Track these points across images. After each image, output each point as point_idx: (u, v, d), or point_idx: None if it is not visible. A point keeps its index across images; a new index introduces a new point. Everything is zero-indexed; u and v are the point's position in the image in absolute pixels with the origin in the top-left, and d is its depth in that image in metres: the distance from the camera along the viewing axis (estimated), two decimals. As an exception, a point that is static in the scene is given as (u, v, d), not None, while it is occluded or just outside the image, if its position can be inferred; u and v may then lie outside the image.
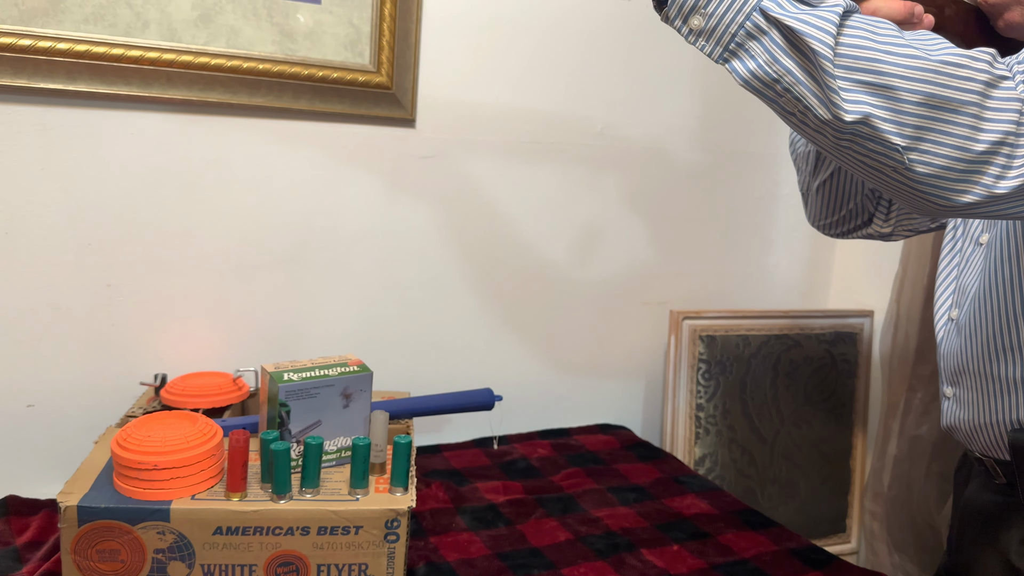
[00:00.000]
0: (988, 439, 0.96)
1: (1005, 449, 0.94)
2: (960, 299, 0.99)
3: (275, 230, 1.35)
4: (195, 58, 1.22)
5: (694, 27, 0.72)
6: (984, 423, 0.95)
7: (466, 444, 1.52)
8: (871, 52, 0.67)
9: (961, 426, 0.99)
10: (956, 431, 1.01)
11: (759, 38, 0.70)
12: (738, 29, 0.70)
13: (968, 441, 0.99)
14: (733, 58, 0.72)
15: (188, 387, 1.16)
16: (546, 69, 1.52)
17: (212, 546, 0.88)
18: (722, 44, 0.71)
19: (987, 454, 0.97)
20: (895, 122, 0.67)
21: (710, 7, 0.71)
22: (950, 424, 1.01)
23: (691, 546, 1.18)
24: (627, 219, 1.66)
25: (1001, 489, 0.98)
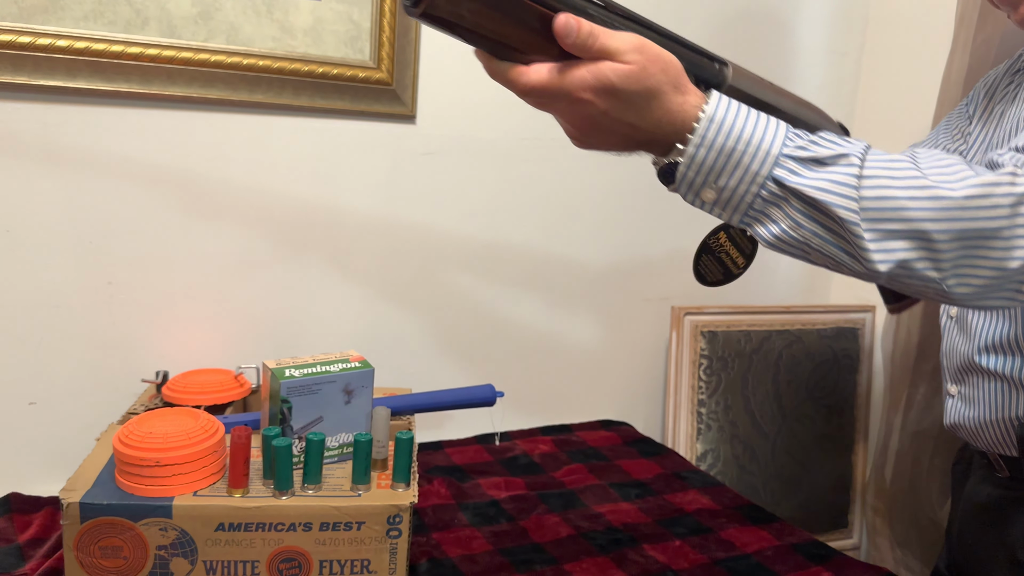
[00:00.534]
0: (995, 435, 0.95)
1: (1012, 445, 0.94)
2: None
3: (276, 227, 1.35)
4: (195, 55, 1.22)
5: (707, 200, 0.69)
6: (991, 420, 0.95)
7: (468, 440, 1.52)
8: (895, 201, 0.65)
9: (967, 424, 0.98)
10: (960, 428, 1.01)
11: (779, 204, 0.67)
12: (754, 199, 0.67)
13: (973, 438, 0.99)
14: (755, 223, 0.69)
15: (190, 384, 1.16)
16: (547, 65, 1.51)
17: (214, 542, 0.88)
18: (740, 212, 0.69)
19: (992, 450, 0.97)
20: (930, 259, 0.66)
21: (721, 180, 0.67)
22: (954, 422, 1.01)
23: (693, 541, 1.18)
24: (629, 215, 1.66)
25: (1004, 483, 0.99)
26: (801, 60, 1.77)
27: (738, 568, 1.11)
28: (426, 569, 1.06)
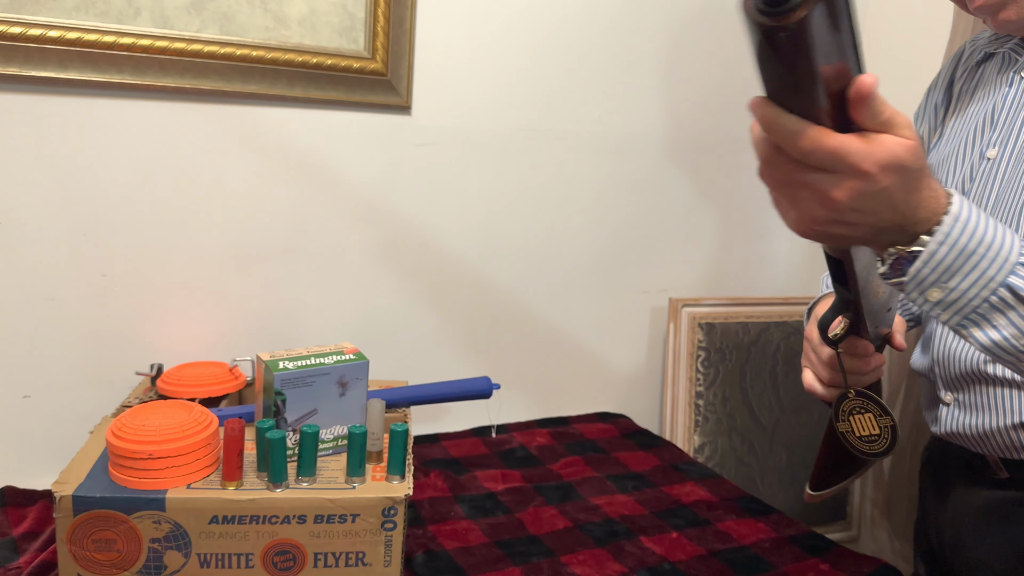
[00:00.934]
0: (1005, 441, 0.93)
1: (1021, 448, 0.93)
2: None
3: (271, 219, 1.34)
4: (188, 45, 1.21)
5: (932, 299, 0.65)
6: (1001, 426, 0.92)
7: (465, 433, 1.52)
8: None
9: (969, 431, 0.96)
10: (959, 437, 0.98)
11: (1005, 312, 0.64)
12: (981, 303, 0.64)
13: (976, 444, 0.97)
14: (973, 327, 0.66)
15: (184, 376, 1.15)
16: (543, 56, 1.50)
17: (208, 535, 0.88)
18: (961, 314, 0.65)
19: (998, 455, 0.95)
20: None
21: (953, 281, 0.63)
22: (952, 431, 0.98)
23: (690, 533, 1.18)
24: (625, 207, 1.65)
25: (1004, 483, 0.97)
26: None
27: (735, 560, 1.11)
28: (422, 561, 1.06)
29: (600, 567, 1.08)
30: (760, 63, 0.53)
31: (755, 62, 0.53)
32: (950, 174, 1.00)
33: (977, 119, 0.98)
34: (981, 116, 0.98)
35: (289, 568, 0.90)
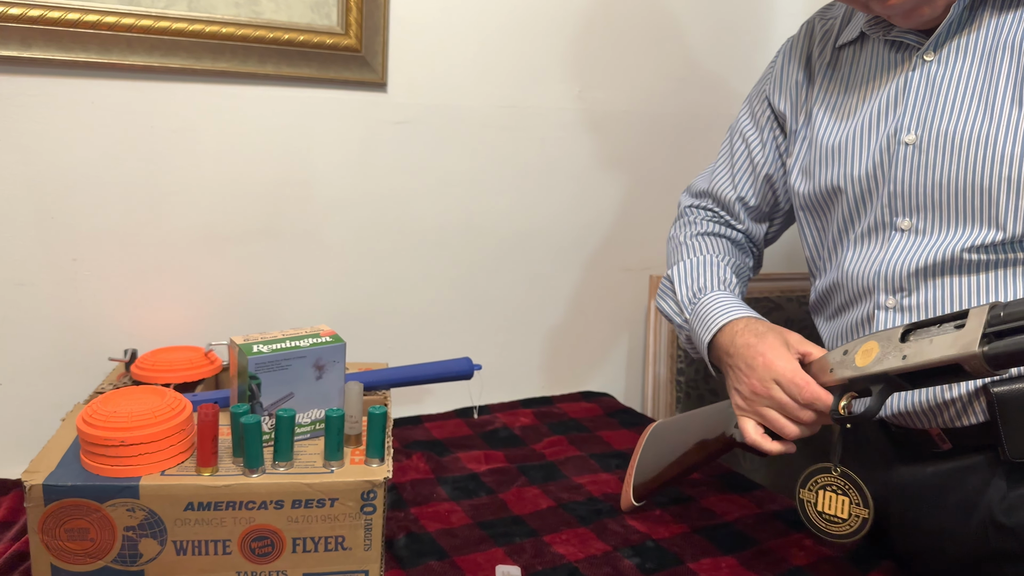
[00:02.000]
0: (956, 410, 0.93)
1: (972, 414, 0.92)
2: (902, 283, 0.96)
3: (245, 200, 1.32)
4: (155, 22, 1.18)
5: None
6: (954, 396, 0.92)
7: (448, 415, 1.51)
8: None
9: (920, 408, 0.95)
10: (909, 416, 0.97)
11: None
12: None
13: (926, 420, 0.96)
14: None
15: (159, 362, 1.13)
16: (521, 31, 1.48)
17: (184, 522, 0.86)
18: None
19: (948, 425, 0.95)
20: None
21: None
22: (901, 411, 0.97)
23: (673, 510, 1.17)
24: (607, 184, 1.64)
25: (946, 455, 0.97)
26: (781, 24, 1.74)
27: (718, 536, 1.11)
28: (404, 544, 1.05)
29: (583, 546, 1.07)
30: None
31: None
32: (855, 158, 0.98)
33: (876, 101, 0.97)
34: (881, 98, 0.97)
35: (267, 554, 0.89)
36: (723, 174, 1.19)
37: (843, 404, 0.86)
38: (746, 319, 0.99)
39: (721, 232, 1.19)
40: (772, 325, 0.97)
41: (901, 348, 0.81)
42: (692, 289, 1.09)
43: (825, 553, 1.07)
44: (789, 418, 0.90)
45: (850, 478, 0.88)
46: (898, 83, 0.96)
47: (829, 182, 1.02)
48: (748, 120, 1.18)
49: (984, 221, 0.88)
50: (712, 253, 1.14)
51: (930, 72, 0.92)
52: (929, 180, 0.91)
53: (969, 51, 0.90)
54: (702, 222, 1.20)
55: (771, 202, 1.18)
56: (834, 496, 0.88)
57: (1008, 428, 0.89)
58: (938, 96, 0.91)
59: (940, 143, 0.90)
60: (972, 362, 0.73)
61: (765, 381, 0.91)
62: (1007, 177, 0.86)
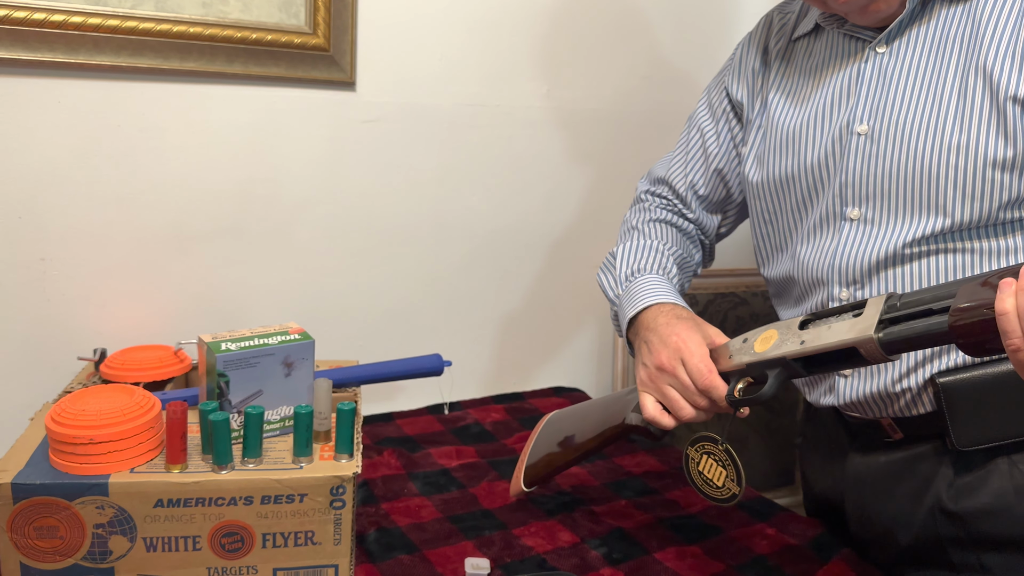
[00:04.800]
0: (905, 400, 0.95)
1: (920, 404, 0.95)
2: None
3: (214, 199, 1.32)
4: (122, 22, 1.18)
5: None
6: (903, 387, 0.95)
7: (419, 411, 1.52)
8: None
9: (868, 398, 0.97)
10: (858, 405, 0.99)
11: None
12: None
13: (875, 409, 0.98)
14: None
15: (128, 361, 1.13)
16: (489, 30, 1.49)
17: (154, 519, 0.87)
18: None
19: (897, 415, 0.97)
20: None
21: None
22: (851, 400, 0.99)
23: (640, 502, 1.20)
24: (575, 181, 1.66)
25: (897, 445, 1.00)
26: (747, 23, 1.77)
27: (683, 526, 1.13)
28: (374, 538, 1.06)
29: (551, 537, 1.09)
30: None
31: None
32: (808, 146, 1.00)
33: (829, 90, 0.99)
34: (834, 88, 0.99)
35: (237, 549, 0.90)
36: (678, 163, 1.21)
37: (739, 387, 0.89)
38: (673, 304, 1.01)
39: (673, 221, 1.20)
40: (696, 316, 0.99)
41: (799, 335, 0.83)
42: (632, 268, 1.11)
43: (787, 542, 1.10)
44: (686, 400, 0.93)
45: (731, 456, 0.92)
46: (851, 74, 0.97)
47: (782, 171, 1.03)
48: (705, 111, 1.19)
49: (932, 210, 0.90)
50: (659, 240, 1.15)
51: (882, 64, 0.94)
52: (879, 169, 0.93)
53: (919, 43, 0.92)
54: (656, 209, 1.22)
55: (723, 194, 1.19)
56: (714, 464, 0.93)
57: (954, 417, 0.92)
58: (889, 87, 0.93)
59: (891, 133, 0.92)
60: (867, 346, 0.76)
61: (673, 359, 0.93)
62: (954, 165, 0.88)
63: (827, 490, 1.13)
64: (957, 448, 0.93)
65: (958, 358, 0.92)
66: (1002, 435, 0.92)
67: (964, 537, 0.95)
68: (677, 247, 1.16)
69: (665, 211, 1.21)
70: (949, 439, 0.93)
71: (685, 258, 1.17)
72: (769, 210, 1.08)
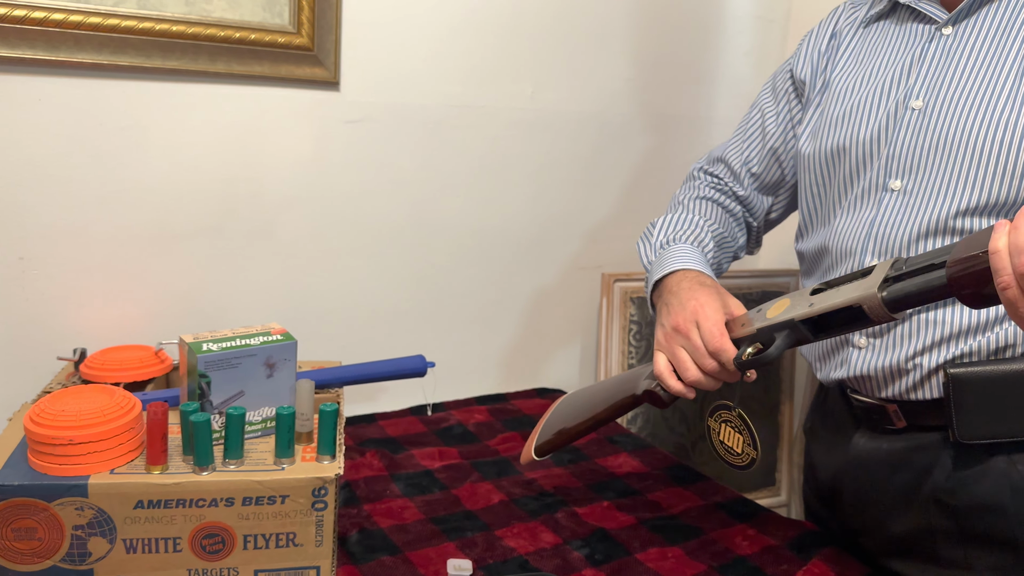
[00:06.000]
0: (910, 381, 0.97)
1: (927, 388, 0.96)
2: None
3: (197, 198, 1.32)
4: (104, 20, 1.17)
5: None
6: (910, 365, 0.96)
7: (402, 412, 1.52)
8: None
9: (877, 372, 1.00)
10: (867, 380, 1.02)
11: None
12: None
13: (879, 387, 1.00)
14: None
15: (108, 361, 1.12)
16: (474, 31, 1.49)
17: (134, 520, 0.87)
18: None
19: (900, 398, 0.99)
20: None
21: None
22: (861, 373, 1.01)
23: (622, 503, 1.20)
24: (560, 183, 1.66)
25: (900, 433, 1.01)
26: (729, 26, 1.78)
27: (665, 527, 1.14)
28: (356, 540, 1.06)
29: (534, 539, 1.10)
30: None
31: None
32: (863, 120, 1.02)
33: (892, 70, 1.02)
34: (897, 67, 1.01)
35: (218, 551, 0.89)
36: (735, 142, 1.23)
37: (749, 351, 0.90)
38: (698, 272, 1.02)
39: (720, 201, 1.22)
40: (719, 285, 1.00)
41: (810, 299, 0.85)
42: (668, 236, 1.12)
43: (767, 542, 1.11)
44: (695, 361, 0.94)
45: (745, 420, 0.93)
46: (914, 54, 1.00)
47: (834, 143, 1.05)
48: (768, 92, 1.22)
49: (972, 185, 0.91)
50: (701, 216, 1.17)
51: (946, 45, 0.97)
52: (927, 141, 0.95)
53: (984, 27, 0.94)
54: (705, 188, 1.23)
55: (777, 175, 1.20)
56: (732, 432, 0.95)
57: (960, 409, 0.92)
58: (949, 66, 0.96)
59: (943, 107, 0.94)
60: (871, 303, 0.78)
61: (688, 322, 0.94)
62: (999, 140, 0.89)
63: (829, 477, 1.14)
64: (959, 440, 0.93)
65: (971, 346, 0.94)
66: (1004, 432, 0.93)
67: (955, 531, 0.96)
68: (719, 225, 1.18)
69: (714, 190, 1.23)
70: (952, 431, 0.93)
71: (726, 237, 1.18)
72: (818, 183, 1.09)
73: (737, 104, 1.80)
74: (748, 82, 1.82)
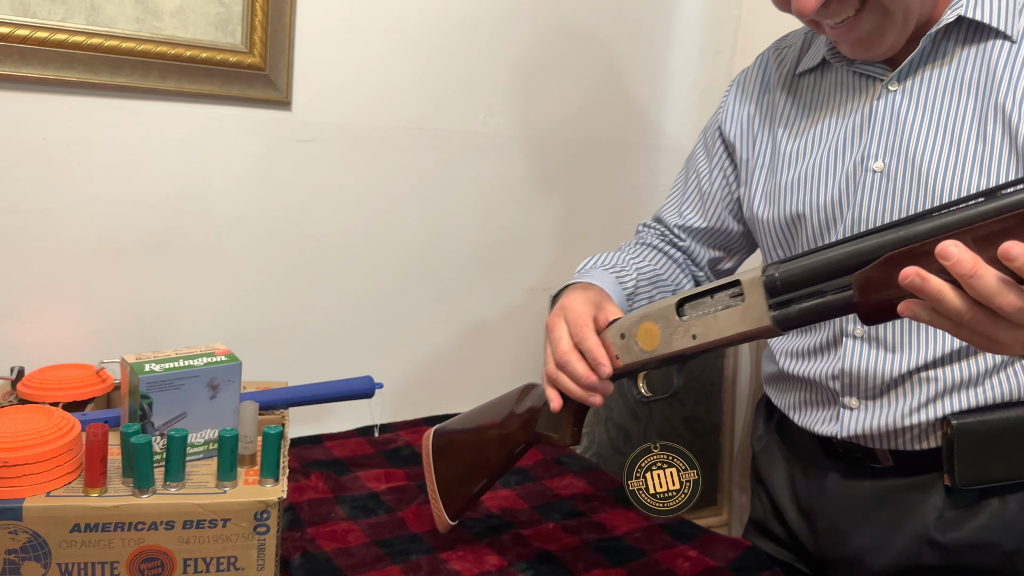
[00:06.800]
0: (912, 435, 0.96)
1: (926, 439, 0.95)
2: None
3: (142, 214, 1.30)
4: (51, 35, 1.16)
5: None
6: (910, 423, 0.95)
7: (349, 433, 1.51)
8: None
9: (874, 431, 0.97)
10: (863, 438, 0.99)
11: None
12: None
13: (879, 441, 0.98)
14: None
15: (47, 380, 1.10)
16: (428, 55, 1.51)
17: (70, 544, 0.85)
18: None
19: (900, 448, 0.97)
20: None
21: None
22: (857, 433, 0.99)
23: (567, 524, 1.21)
24: (510, 206, 1.68)
25: (886, 472, 1.00)
26: (676, 58, 1.83)
27: (608, 549, 1.15)
28: (299, 564, 1.05)
29: (479, 561, 1.10)
30: None
31: None
32: (820, 185, 1.00)
33: (842, 129, 0.99)
34: (847, 126, 0.99)
35: (158, 575, 0.88)
36: (674, 201, 1.23)
37: (643, 387, 0.89)
38: (591, 284, 1.03)
39: (660, 247, 1.22)
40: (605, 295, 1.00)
41: (686, 326, 0.83)
42: (587, 266, 1.13)
43: (708, 564, 1.13)
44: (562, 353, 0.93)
45: (671, 448, 0.89)
46: (863, 111, 0.97)
47: (792, 210, 1.03)
48: (702, 153, 1.21)
49: None
50: (632, 256, 1.17)
51: (895, 101, 0.94)
52: (893, 204, 0.93)
53: (933, 83, 0.92)
54: (647, 236, 1.25)
55: (721, 232, 1.20)
56: (662, 473, 0.89)
57: (961, 458, 0.92)
58: (904, 124, 0.93)
59: (908, 171, 0.92)
60: (765, 332, 0.77)
61: (556, 316, 0.96)
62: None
63: (794, 507, 1.13)
64: (959, 488, 0.93)
65: (972, 399, 0.94)
66: (1002, 476, 0.94)
67: (945, 566, 0.97)
68: (650, 265, 1.17)
69: (655, 238, 1.24)
70: (950, 477, 0.93)
71: (659, 276, 1.17)
72: (779, 245, 1.08)
73: (684, 133, 1.84)
74: (694, 112, 1.86)
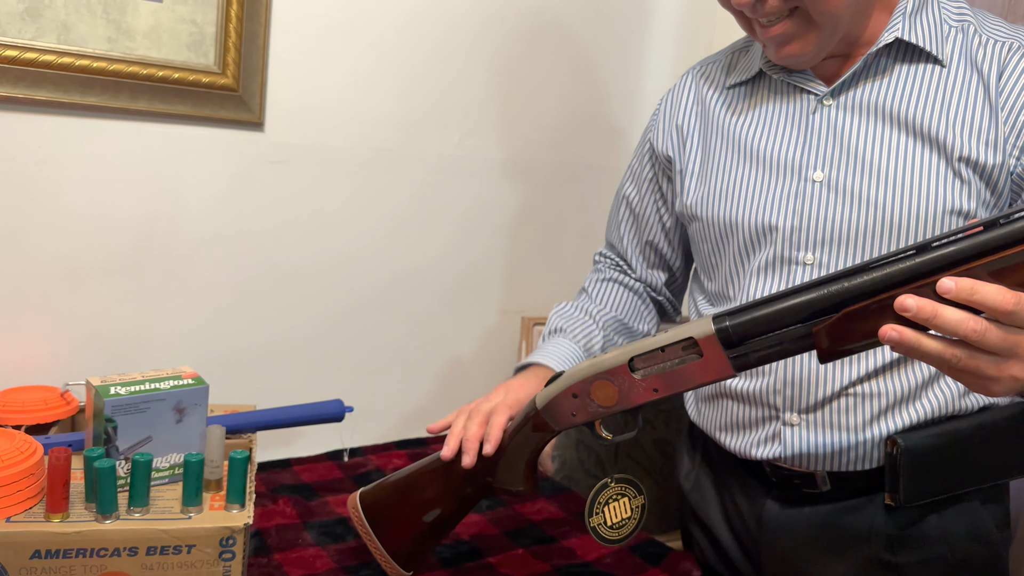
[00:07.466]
0: (856, 455, 0.96)
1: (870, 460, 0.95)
2: None
3: (111, 234, 1.29)
4: (21, 53, 1.15)
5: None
6: (855, 442, 0.95)
7: (318, 457, 1.49)
8: None
9: (818, 452, 0.97)
10: (802, 458, 0.98)
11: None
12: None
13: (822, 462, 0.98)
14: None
15: (10, 402, 1.08)
16: (402, 77, 1.52)
17: (30, 571, 0.83)
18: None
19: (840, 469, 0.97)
20: None
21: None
22: (799, 452, 0.98)
23: (536, 550, 1.20)
24: (486, 228, 1.68)
25: (824, 496, 1.00)
26: (649, 83, 1.85)
27: (577, 574, 1.15)
28: (265, 590, 1.04)
29: (448, 587, 1.09)
30: None
31: None
32: (755, 194, 1.00)
33: (778, 140, 1.00)
34: (783, 138, 0.99)
35: (119, 603, 0.86)
36: (613, 230, 1.25)
37: (602, 431, 0.91)
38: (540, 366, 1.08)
39: (621, 280, 1.24)
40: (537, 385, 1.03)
41: (646, 383, 0.84)
42: (557, 326, 1.16)
43: (677, 588, 1.13)
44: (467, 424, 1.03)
45: (623, 480, 0.93)
46: (800, 123, 0.98)
47: (727, 216, 1.03)
48: (630, 182, 1.22)
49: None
50: (598, 305, 1.20)
51: (831, 115, 0.96)
52: (838, 217, 0.94)
53: (868, 99, 0.95)
54: (606, 269, 1.27)
55: (661, 254, 1.21)
56: (617, 504, 0.92)
57: (907, 476, 0.92)
58: (843, 137, 0.95)
59: (849, 183, 0.93)
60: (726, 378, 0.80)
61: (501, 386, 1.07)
62: (915, 214, 0.90)
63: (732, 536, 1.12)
64: (904, 505, 0.94)
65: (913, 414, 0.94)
66: (941, 490, 0.94)
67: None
68: (615, 311, 1.20)
69: (615, 271, 1.26)
70: (894, 496, 0.94)
71: (627, 320, 1.21)
72: (713, 252, 1.08)
73: (657, 157, 1.86)
74: (667, 137, 1.88)
